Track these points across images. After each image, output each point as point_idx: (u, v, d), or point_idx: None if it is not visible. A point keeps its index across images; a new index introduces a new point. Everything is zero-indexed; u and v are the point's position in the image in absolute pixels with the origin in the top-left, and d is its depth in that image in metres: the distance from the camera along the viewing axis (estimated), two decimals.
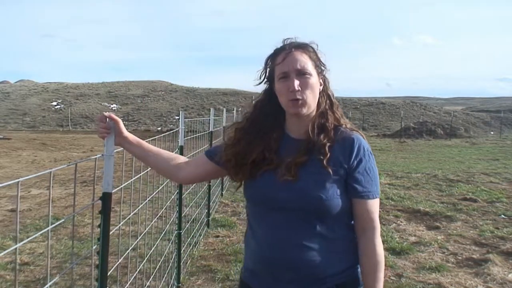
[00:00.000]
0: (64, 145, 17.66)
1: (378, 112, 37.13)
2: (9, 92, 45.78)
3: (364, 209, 1.31)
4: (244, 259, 1.49)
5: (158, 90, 48.19)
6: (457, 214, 6.04)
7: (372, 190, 1.32)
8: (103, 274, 1.56)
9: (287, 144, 1.38)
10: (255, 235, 1.38)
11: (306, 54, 1.34)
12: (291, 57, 1.31)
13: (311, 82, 1.32)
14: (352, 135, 1.34)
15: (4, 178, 9.00)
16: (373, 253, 1.31)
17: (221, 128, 6.51)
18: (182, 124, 3.44)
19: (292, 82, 1.29)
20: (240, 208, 6.25)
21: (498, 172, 10.30)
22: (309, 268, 1.29)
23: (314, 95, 1.34)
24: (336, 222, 1.32)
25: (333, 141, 1.32)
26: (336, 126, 1.37)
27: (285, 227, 1.30)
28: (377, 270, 1.30)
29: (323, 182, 1.28)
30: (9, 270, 3.80)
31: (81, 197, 7.06)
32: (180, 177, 1.55)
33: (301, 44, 1.35)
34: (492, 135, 27.55)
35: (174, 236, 3.57)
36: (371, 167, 1.33)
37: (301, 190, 1.28)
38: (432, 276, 3.81)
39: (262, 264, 1.35)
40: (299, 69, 1.30)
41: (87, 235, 4.76)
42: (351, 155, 1.30)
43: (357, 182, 1.30)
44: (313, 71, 1.33)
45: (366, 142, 1.36)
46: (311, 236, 1.29)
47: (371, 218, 1.32)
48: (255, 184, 1.38)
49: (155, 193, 2.67)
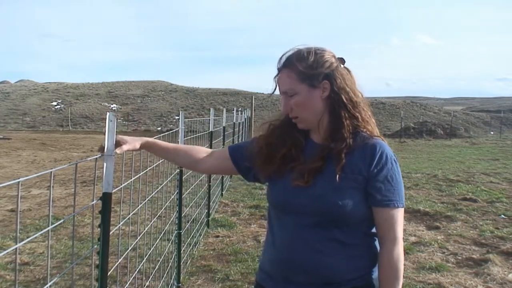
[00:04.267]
0: (64, 145, 17.66)
1: (378, 112, 37.10)
2: (9, 92, 45.78)
3: (383, 218, 1.27)
4: (260, 261, 1.49)
5: (158, 90, 48.19)
6: (457, 214, 6.03)
7: (393, 199, 1.26)
8: (103, 274, 1.56)
9: (309, 146, 1.37)
10: (274, 237, 1.38)
11: (292, 71, 1.31)
12: (279, 78, 1.35)
13: (298, 101, 1.31)
14: (374, 141, 1.29)
15: (4, 178, 9.00)
16: (389, 265, 1.26)
17: (221, 128, 6.51)
18: (182, 124, 3.44)
19: (283, 105, 1.35)
20: (240, 208, 6.25)
21: (498, 172, 10.29)
22: (324, 272, 1.28)
23: (308, 110, 1.32)
24: (355, 229, 1.29)
25: (351, 147, 1.28)
26: (355, 129, 1.31)
27: (302, 231, 1.29)
28: (392, 283, 1.26)
29: (340, 189, 1.25)
30: (9, 270, 3.80)
31: (81, 197, 7.06)
32: (200, 169, 1.63)
33: (286, 63, 1.33)
34: (492, 135, 27.55)
35: (174, 236, 3.57)
36: (393, 175, 1.27)
37: (318, 197, 1.26)
38: (432, 276, 3.81)
39: (278, 266, 1.35)
40: (284, 91, 1.34)
41: (87, 235, 4.76)
42: (371, 162, 1.26)
43: (377, 190, 1.26)
44: (299, 87, 1.30)
45: (390, 149, 1.31)
46: (327, 240, 1.27)
47: (390, 229, 1.26)
48: (276, 186, 1.38)
49: (154, 193, 2.67)
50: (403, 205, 1.29)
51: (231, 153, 1.52)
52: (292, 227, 1.31)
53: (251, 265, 3.98)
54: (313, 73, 1.29)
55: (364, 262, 1.31)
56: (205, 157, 1.57)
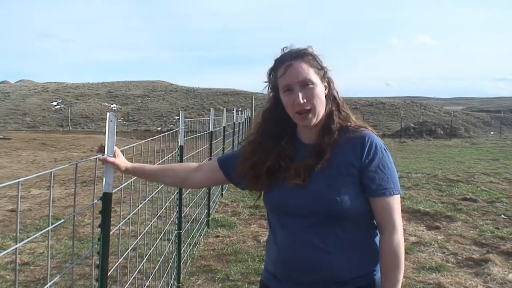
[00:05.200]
0: (64, 145, 17.66)
1: (378, 112, 37.11)
2: (9, 92, 45.80)
3: (380, 207, 1.28)
4: (265, 262, 1.50)
5: (158, 90, 48.21)
6: (457, 214, 6.03)
7: (388, 187, 1.27)
8: (103, 274, 1.56)
9: (300, 150, 1.37)
10: (276, 239, 1.39)
11: (306, 62, 1.31)
12: (292, 69, 1.29)
13: (316, 91, 1.30)
14: (362, 132, 1.32)
15: (4, 178, 9.00)
16: (389, 253, 1.27)
17: (221, 128, 6.51)
18: (182, 124, 3.44)
19: (296, 95, 1.29)
20: (240, 208, 6.25)
21: (498, 172, 10.29)
22: (328, 271, 1.28)
23: (322, 103, 1.32)
24: (356, 224, 1.30)
25: (339, 141, 1.30)
26: (343, 125, 1.35)
27: (304, 231, 1.30)
28: (393, 270, 1.27)
29: (336, 185, 1.26)
30: (9, 270, 3.80)
31: (81, 197, 7.05)
32: (190, 185, 1.69)
33: (300, 53, 1.33)
34: (492, 135, 27.55)
35: (174, 236, 3.57)
36: (385, 163, 1.29)
37: (315, 195, 1.27)
38: (432, 276, 3.81)
39: (282, 267, 1.35)
40: (301, 80, 1.29)
41: (87, 235, 4.76)
42: (362, 153, 1.28)
43: (371, 179, 1.27)
44: (316, 79, 1.31)
45: (379, 138, 1.33)
46: (329, 238, 1.28)
47: (388, 217, 1.28)
48: (273, 192, 1.38)
49: (154, 193, 2.67)
50: (399, 191, 1.30)
51: (221, 165, 1.53)
52: (293, 227, 1.32)
53: (251, 265, 3.98)
54: (322, 69, 1.35)
55: (367, 258, 1.32)
56: (194, 172, 1.58)
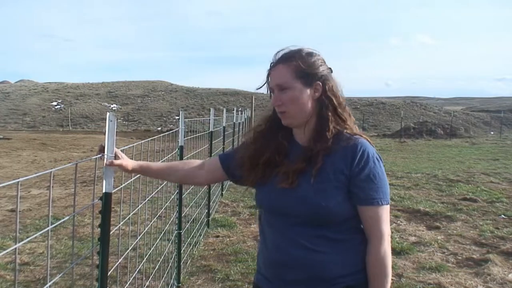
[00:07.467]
0: (64, 145, 17.66)
1: (378, 112, 37.14)
2: (9, 92, 45.81)
3: (368, 216, 1.29)
4: (257, 263, 1.51)
5: (158, 90, 48.22)
6: (457, 214, 6.03)
7: (377, 197, 1.28)
8: (103, 274, 1.56)
9: (294, 149, 1.39)
10: (266, 239, 1.41)
11: (290, 66, 1.32)
12: (274, 72, 1.35)
13: (291, 96, 1.32)
14: (356, 140, 1.31)
15: (4, 178, 9.00)
16: (377, 263, 1.28)
17: (221, 128, 6.50)
18: (182, 124, 3.44)
19: (273, 97, 1.35)
20: (240, 208, 6.25)
21: (498, 172, 10.29)
22: (316, 268, 1.29)
23: (298, 107, 1.33)
24: (343, 225, 1.31)
25: (332, 148, 1.30)
26: (338, 131, 1.34)
27: (291, 231, 1.32)
28: (379, 279, 1.28)
29: (323, 190, 1.27)
30: (9, 270, 3.80)
31: (81, 197, 7.06)
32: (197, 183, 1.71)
33: (284, 57, 1.35)
34: (492, 135, 27.55)
35: (174, 236, 3.57)
36: (376, 173, 1.28)
37: (300, 198, 1.29)
38: (432, 276, 3.81)
39: (272, 267, 1.37)
40: (278, 84, 1.34)
41: (87, 235, 4.76)
42: (353, 161, 1.27)
43: (360, 188, 1.27)
44: (295, 83, 1.32)
45: (372, 148, 1.33)
46: (316, 237, 1.29)
47: (376, 226, 1.29)
48: (262, 190, 1.40)
49: (154, 193, 2.67)
50: (387, 202, 1.31)
51: (222, 162, 1.55)
52: (281, 227, 1.34)
53: (251, 265, 3.98)
54: (310, 73, 1.33)
55: (355, 257, 1.32)
56: (199, 170, 1.61)
